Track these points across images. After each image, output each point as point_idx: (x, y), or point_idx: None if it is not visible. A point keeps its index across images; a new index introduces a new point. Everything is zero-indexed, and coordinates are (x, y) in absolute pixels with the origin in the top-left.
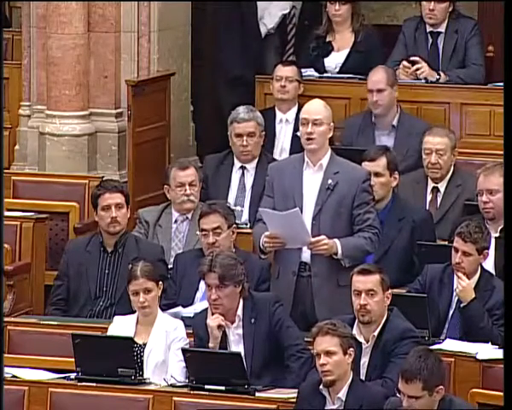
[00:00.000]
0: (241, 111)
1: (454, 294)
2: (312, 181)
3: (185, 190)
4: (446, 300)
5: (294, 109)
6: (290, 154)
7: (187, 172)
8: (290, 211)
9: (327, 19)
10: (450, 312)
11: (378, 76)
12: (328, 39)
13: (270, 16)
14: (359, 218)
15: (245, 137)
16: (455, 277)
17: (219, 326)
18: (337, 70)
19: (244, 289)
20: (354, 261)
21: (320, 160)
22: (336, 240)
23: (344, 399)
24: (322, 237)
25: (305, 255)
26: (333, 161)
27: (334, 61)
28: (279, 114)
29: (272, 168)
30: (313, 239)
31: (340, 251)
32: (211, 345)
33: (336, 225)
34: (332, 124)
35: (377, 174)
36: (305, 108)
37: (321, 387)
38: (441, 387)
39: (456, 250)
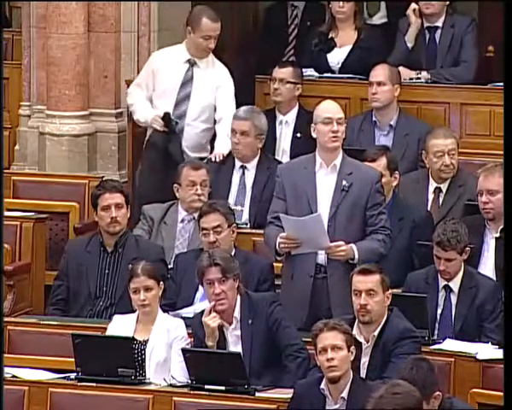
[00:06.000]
0: (242, 109)
1: (440, 294)
2: (326, 182)
3: (196, 190)
4: (433, 300)
5: (294, 111)
6: (291, 155)
7: (199, 172)
8: (312, 215)
9: (330, 16)
10: (439, 311)
11: (380, 70)
12: (330, 36)
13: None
14: (373, 219)
15: (237, 135)
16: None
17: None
18: (339, 66)
19: (240, 287)
20: None
21: (333, 160)
22: (353, 245)
23: (346, 398)
24: (341, 242)
25: (321, 257)
26: (345, 162)
27: (336, 56)
28: (279, 116)
29: (282, 169)
30: (332, 244)
31: (356, 256)
32: (209, 344)
33: (350, 226)
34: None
35: None
36: (325, 107)
37: (322, 386)
38: (438, 393)
39: (439, 258)
